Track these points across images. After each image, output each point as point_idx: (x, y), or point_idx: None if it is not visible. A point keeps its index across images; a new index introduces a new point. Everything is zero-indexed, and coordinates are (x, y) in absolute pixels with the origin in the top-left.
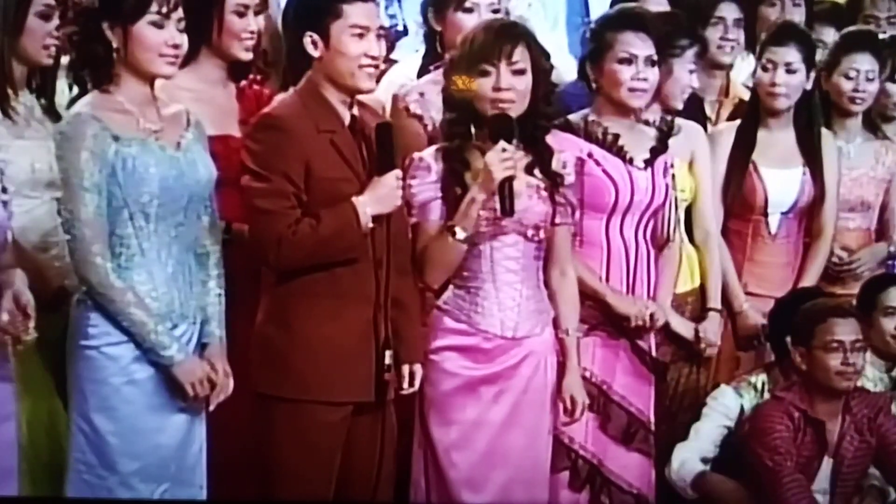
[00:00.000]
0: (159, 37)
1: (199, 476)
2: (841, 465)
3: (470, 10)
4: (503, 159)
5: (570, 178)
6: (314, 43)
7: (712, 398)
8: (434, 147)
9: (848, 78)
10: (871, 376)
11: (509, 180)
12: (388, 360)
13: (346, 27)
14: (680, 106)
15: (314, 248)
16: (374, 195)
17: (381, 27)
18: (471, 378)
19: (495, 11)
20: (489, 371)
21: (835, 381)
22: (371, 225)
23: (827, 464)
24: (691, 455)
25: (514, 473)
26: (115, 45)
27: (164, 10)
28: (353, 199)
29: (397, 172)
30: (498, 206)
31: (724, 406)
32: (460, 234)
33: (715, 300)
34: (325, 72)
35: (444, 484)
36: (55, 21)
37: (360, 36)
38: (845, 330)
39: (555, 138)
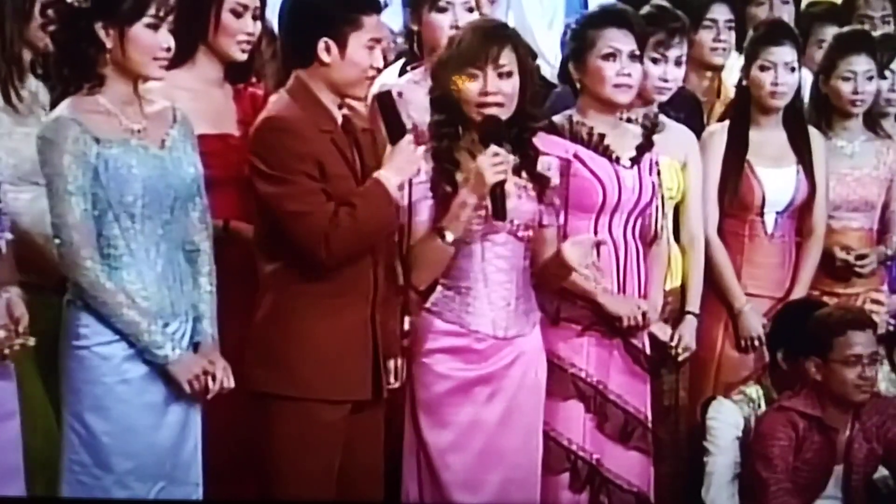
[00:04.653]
0: (154, 39)
1: (195, 474)
2: (850, 472)
3: (444, 10)
4: (495, 164)
5: (554, 181)
6: (328, 49)
7: (713, 417)
8: (422, 147)
9: (846, 80)
10: (884, 389)
11: (501, 185)
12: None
13: (364, 39)
14: (660, 99)
15: (359, 233)
16: (394, 164)
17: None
18: (464, 379)
19: (469, 10)
20: (482, 372)
21: (852, 394)
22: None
23: (836, 470)
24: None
25: (508, 474)
26: (108, 45)
27: (162, 13)
28: (375, 174)
29: (409, 137)
30: (490, 210)
31: (732, 418)
32: (449, 237)
33: (694, 304)
34: (327, 77)
35: (439, 486)
36: None
37: (371, 48)
38: (863, 343)
39: (540, 140)
